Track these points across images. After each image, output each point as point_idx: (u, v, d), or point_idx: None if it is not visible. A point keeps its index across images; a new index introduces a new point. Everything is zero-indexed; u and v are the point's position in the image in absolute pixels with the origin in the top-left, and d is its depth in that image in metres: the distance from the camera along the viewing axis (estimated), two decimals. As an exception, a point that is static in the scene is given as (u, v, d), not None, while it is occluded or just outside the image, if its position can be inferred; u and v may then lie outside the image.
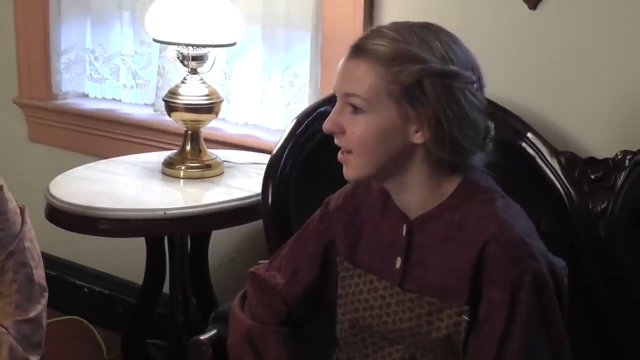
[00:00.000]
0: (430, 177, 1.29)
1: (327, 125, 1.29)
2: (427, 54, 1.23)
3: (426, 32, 1.27)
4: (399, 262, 1.33)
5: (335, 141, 1.30)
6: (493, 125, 1.32)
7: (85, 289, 2.79)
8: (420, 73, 1.23)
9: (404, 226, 1.33)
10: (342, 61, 1.29)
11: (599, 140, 1.77)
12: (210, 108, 2.08)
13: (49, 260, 1.96)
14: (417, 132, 1.25)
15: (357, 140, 1.27)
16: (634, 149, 1.66)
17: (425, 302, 1.29)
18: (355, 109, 1.26)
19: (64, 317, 2.67)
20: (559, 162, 1.70)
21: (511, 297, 1.23)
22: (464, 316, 1.26)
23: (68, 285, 2.79)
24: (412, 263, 1.32)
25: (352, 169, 1.30)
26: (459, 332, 1.27)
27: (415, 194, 1.31)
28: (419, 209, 1.31)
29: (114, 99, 2.65)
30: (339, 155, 1.30)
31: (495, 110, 1.76)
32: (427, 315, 1.29)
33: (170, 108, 2.10)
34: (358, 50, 1.26)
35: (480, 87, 1.29)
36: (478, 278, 1.25)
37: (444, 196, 1.30)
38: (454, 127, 1.24)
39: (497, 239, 1.24)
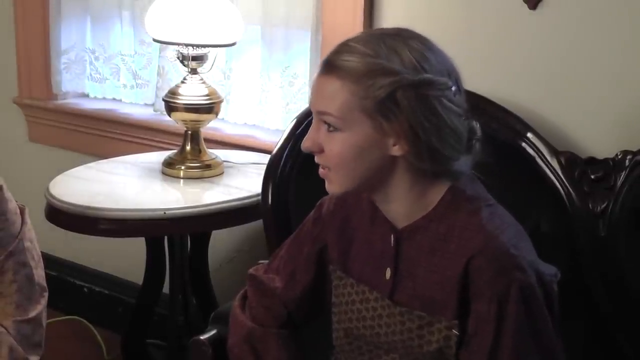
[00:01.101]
0: (413, 187, 1.28)
1: (305, 144, 1.28)
2: (397, 66, 1.21)
3: (396, 41, 1.24)
4: (388, 273, 1.32)
5: (316, 159, 1.29)
6: (479, 125, 1.29)
7: (85, 289, 2.79)
8: (392, 86, 1.20)
9: (392, 236, 1.32)
10: (314, 78, 1.27)
11: (599, 140, 1.77)
12: (210, 108, 2.08)
13: (49, 260, 1.96)
14: (394, 145, 1.24)
15: (335, 159, 1.26)
16: (634, 149, 1.66)
17: (415, 316, 1.29)
18: (330, 127, 1.24)
19: (64, 317, 2.67)
20: (559, 162, 1.70)
21: (498, 309, 1.22)
22: (453, 330, 1.26)
23: (68, 285, 2.79)
24: (401, 273, 1.31)
25: (334, 185, 1.29)
26: (450, 346, 1.27)
27: (401, 204, 1.30)
28: (406, 219, 1.30)
29: (114, 99, 2.65)
30: (320, 170, 1.29)
31: (495, 110, 1.76)
32: (417, 329, 1.29)
33: (170, 108, 2.10)
34: (328, 66, 1.24)
35: (459, 90, 1.26)
36: (466, 292, 1.24)
37: (429, 206, 1.29)
38: (432, 137, 1.22)
39: (482, 252, 1.23)
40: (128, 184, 2.07)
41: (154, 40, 2.07)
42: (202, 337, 1.57)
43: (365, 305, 1.36)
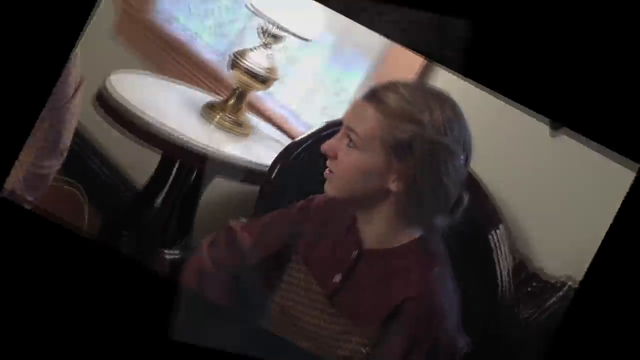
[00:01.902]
0: (391, 222, 1.44)
1: (324, 147, 1.45)
2: (426, 119, 1.37)
3: (434, 99, 1.38)
4: (338, 278, 1.48)
5: (327, 163, 1.46)
6: (468, 197, 1.44)
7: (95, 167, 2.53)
8: (414, 134, 1.38)
9: (356, 252, 1.48)
10: (357, 98, 1.44)
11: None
12: (265, 80, 2.17)
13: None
14: (394, 181, 1.41)
15: (342, 169, 1.42)
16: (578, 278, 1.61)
17: (341, 322, 1.46)
18: (351, 142, 1.42)
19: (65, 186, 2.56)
20: (514, 259, 1.63)
21: (408, 350, 1.40)
22: (362, 349, 1.44)
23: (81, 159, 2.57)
24: (347, 284, 1.47)
25: (333, 187, 1.45)
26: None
27: (376, 229, 1.45)
28: (375, 244, 1.46)
29: (196, 33, 2.62)
30: (325, 171, 1.47)
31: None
32: (338, 333, 1.46)
33: (233, 64, 2.19)
34: (371, 95, 1.42)
35: (466, 163, 1.43)
36: (391, 323, 1.42)
37: (397, 244, 1.45)
38: (426, 188, 1.39)
39: (419, 301, 1.40)
40: (171, 106, 2.16)
41: (246, 6, 2.17)
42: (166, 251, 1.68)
43: (308, 294, 1.50)
